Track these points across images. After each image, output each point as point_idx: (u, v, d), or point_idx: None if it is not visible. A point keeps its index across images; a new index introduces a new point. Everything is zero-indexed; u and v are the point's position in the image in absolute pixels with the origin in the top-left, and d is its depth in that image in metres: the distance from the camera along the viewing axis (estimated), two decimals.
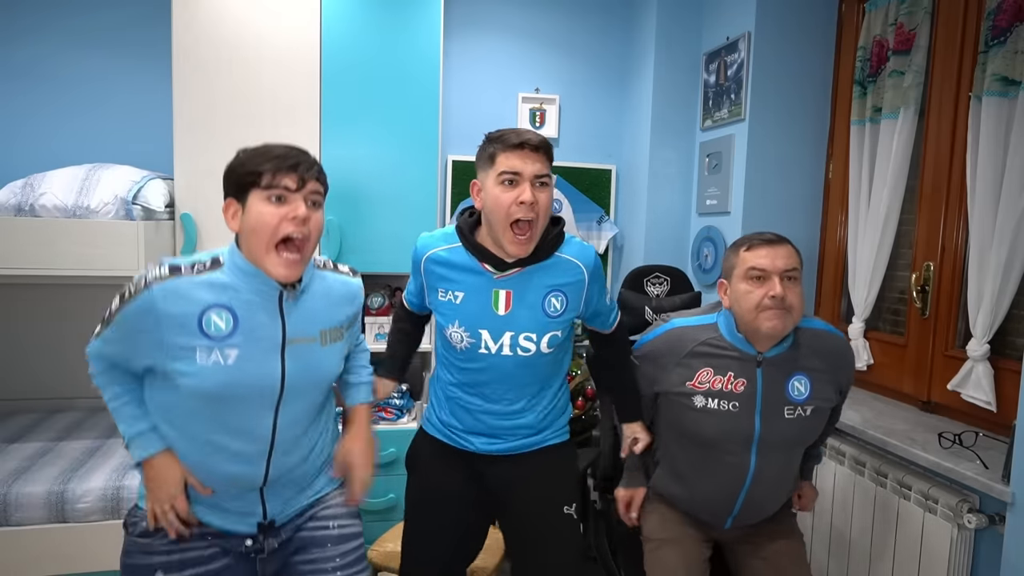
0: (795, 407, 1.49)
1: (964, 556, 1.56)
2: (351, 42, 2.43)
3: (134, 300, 1.17)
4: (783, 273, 1.42)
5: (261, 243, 1.19)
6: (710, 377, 1.51)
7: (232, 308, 1.20)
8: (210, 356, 1.17)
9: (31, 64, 2.57)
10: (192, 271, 1.20)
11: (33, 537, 1.95)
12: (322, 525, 1.35)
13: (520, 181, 1.36)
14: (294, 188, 1.19)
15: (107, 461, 2.14)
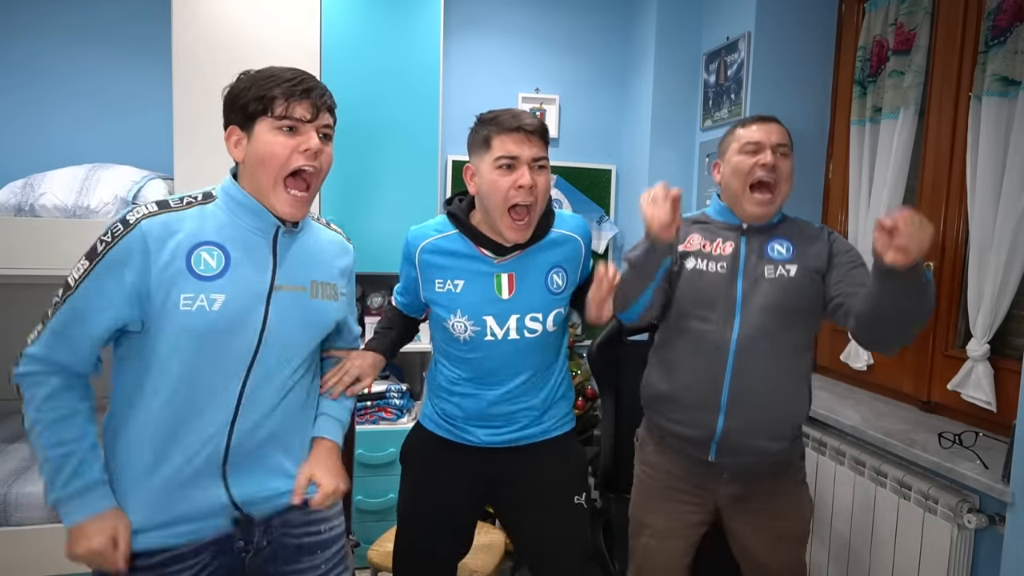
0: (776, 265, 1.49)
1: (964, 556, 1.56)
2: (351, 42, 2.43)
3: (116, 244, 1.05)
4: (775, 146, 1.48)
5: (269, 176, 1.11)
6: (700, 241, 1.55)
7: (223, 246, 1.11)
8: (195, 301, 1.07)
9: (30, 62, 2.57)
10: (182, 204, 1.12)
11: (33, 537, 1.95)
12: (313, 531, 1.25)
13: (518, 165, 1.34)
14: (308, 118, 1.11)
15: None
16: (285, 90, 1.10)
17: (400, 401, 2.60)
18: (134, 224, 1.06)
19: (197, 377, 1.10)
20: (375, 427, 2.54)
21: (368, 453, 2.51)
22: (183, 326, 1.07)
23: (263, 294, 1.14)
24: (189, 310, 1.07)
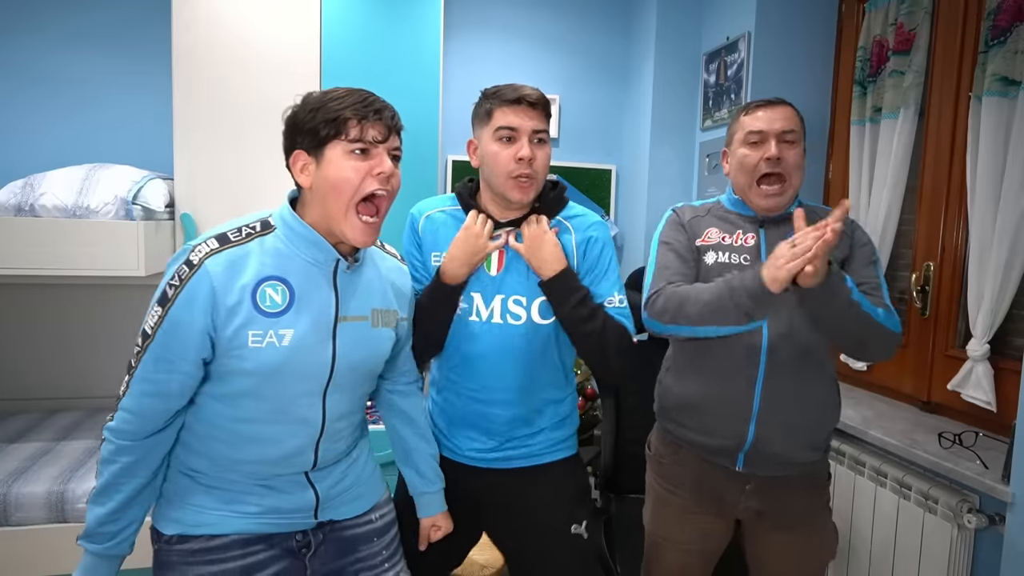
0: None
1: (964, 556, 1.56)
2: (351, 42, 2.43)
3: (184, 287, 1.04)
4: (780, 135, 1.39)
5: (341, 202, 1.08)
6: (718, 234, 1.45)
7: (286, 280, 1.10)
8: (265, 338, 1.07)
9: (31, 63, 2.57)
10: (242, 236, 1.09)
11: (33, 537, 1.95)
12: (366, 519, 1.28)
13: (518, 137, 1.33)
14: (381, 139, 1.09)
15: None
16: (357, 111, 1.07)
17: None
18: (199, 264, 1.05)
19: (278, 407, 1.13)
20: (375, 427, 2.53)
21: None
22: (255, 362, 1.08)
23: (329, 326, 1.14)
24: (259, 347, 1.07)
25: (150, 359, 1.07)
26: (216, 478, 1.16)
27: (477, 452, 1.44)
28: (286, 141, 1.13)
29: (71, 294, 2.62)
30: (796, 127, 1.41)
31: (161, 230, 2.25)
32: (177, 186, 2.33)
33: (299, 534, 1.22)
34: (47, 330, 2.63)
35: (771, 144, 1.38)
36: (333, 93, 1.10)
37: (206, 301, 1.05)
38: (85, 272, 2.07)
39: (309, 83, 2.40)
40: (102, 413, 2.60)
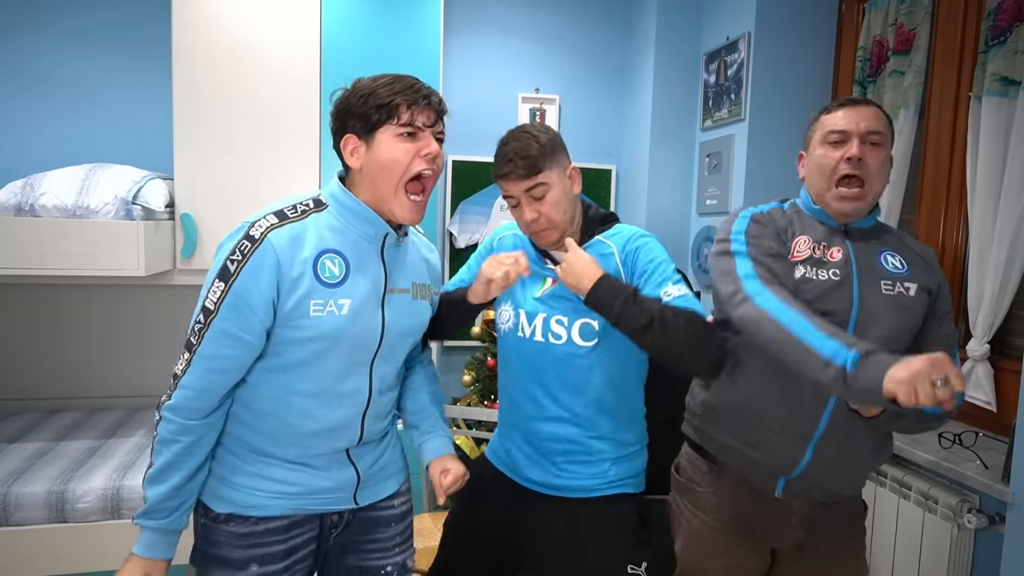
0: (894, 281, 1.26)
1: (964, 556, 1.56)
2: (351, 42, 2.43)
3: (248, 260, 1.08)
4: (865, 135, 1.26)
5: (391, 182, 1.14)
6: (808, 246, 1.30)
7: (342, 253, 1.15)
8: (325, 307, 1.12)
9: (31, 64, 2.57)
10: (299, 213, 1.15)
11: (33, 537, 1.95)
12: (389, 504, 1.33)
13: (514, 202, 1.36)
14: (429, 124, 1.16)
15: (107, 461, 2.14)
16: (408, 97, 1.15)
17: None
18: (261, 238, 1.10)
19: (331, 377, 1.18)
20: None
21: None
22: (316, 331, 1.12)
23: (379, 297, 1.20)
24: (320, 316, 1.12)
25: (214, 334, 1.10)
26: (264, 456, 1.20)
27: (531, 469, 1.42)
28: (336, 124, 1.20)
29: (71, 294, 2.62)
30: (883, 129, 1.28)
31: (161, 230, 2.25)
32: (177, 186, 2.33)
33: (335, 515, 1.26)
34: (47, 330, 2.63)
35: (853, 143, 1.26)
36: (382, 80, 1.19)
37: (271, 272, 1.09)
38: (85, 272, 2.07)
39: (309, 84, 2.40)
40: (102, 413, 2.60)
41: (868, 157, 1.26)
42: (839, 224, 1.32)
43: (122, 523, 2.01)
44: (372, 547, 1.31)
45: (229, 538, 1.19)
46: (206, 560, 1.20)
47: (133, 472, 2.08)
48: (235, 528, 1.18)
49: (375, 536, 1.32)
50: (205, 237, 2.35)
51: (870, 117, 1.28)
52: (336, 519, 1.27)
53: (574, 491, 1.39)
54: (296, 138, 2.40)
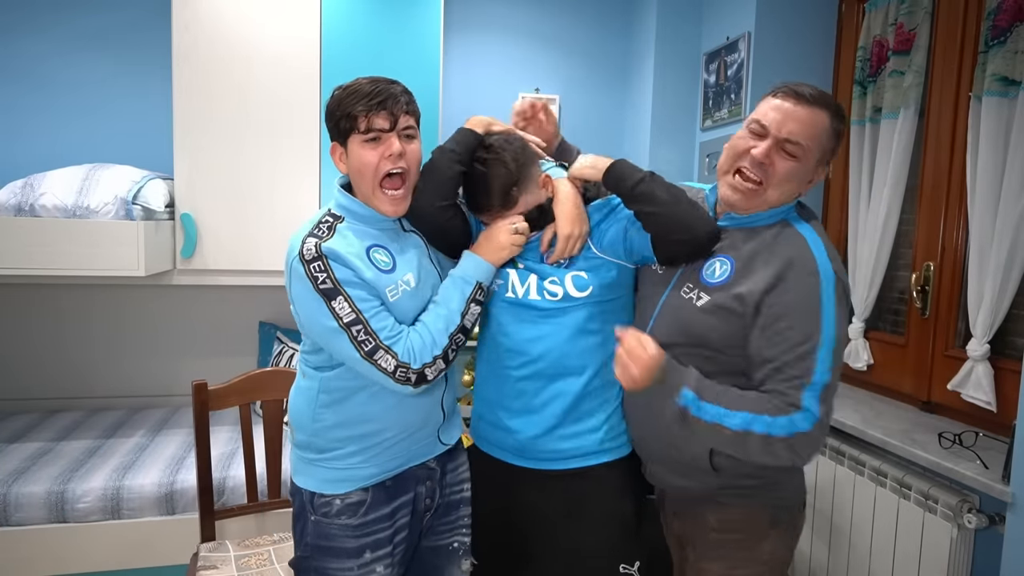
0: (694, 288, 1.23)
1: (964, 556, 1.56)
2: (351, 42, 2.42)
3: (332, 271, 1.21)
4: (782, 140, 1.16)
5: (367, 184, 1.27)
6: None
7: (381, 244, 1.29)
8: (398, 288, 1.26)
9: (31, 64, 2.57)
10: (329, 230, 1.27)
11: (33, 537, 1.95)
12: (459, 489, 1.46)
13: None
14: (388, 128, 1.26)
15: (107, 461, 2.14)
16: (364, 106, 1.25)
17: None
18: (319, 251, 1.21)
19: None
20: None
21: None
22: (401, 311, 1.27)
23: (427, 255, 1.37)
24: (398, 297, 1.27)
25: (375, 320, 1.22)
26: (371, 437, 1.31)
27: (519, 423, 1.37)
28: (329, 132, 1.32)
29: (71, 294, 2.63)
30: (806, 141, 1.16)
31: (161, 230, 2.25)
32: (177, 186, 2.33)
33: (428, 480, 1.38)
34: (47, 330, 2.63)
35: (767, 144, 1.17)
36: (351, 87, 1.28)
37: (349, 265, 1.22)
38: (85, 272, 2.07)
39: (309, 84, 2.40)
40: (102, 413, 2.60)
41: (776, 163, 1.17)
42: (712, 214, 1.30)
43: (122, 523, 2.01)
44: (444, 528, 1.43)
45: (343, 531, 1.30)
46: (321, 553, 1.31)
47: (133, 472, 2.08)
48: (348, 521, 1.30)
49: (450, 517, 1.44)
50: (205, 237, 2.35)
51: (801, 121, 1.15)
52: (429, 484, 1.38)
53: (569, 457, 1.36)
54: (296, 138, 2.40)
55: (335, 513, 1.30)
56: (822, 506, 1.99)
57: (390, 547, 1.32)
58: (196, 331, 2.75)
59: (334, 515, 1.30)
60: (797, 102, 1.16)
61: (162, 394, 2.75)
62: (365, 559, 1.29)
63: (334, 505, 1.31)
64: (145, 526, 2.02)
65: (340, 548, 1.30)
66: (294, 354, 2.52)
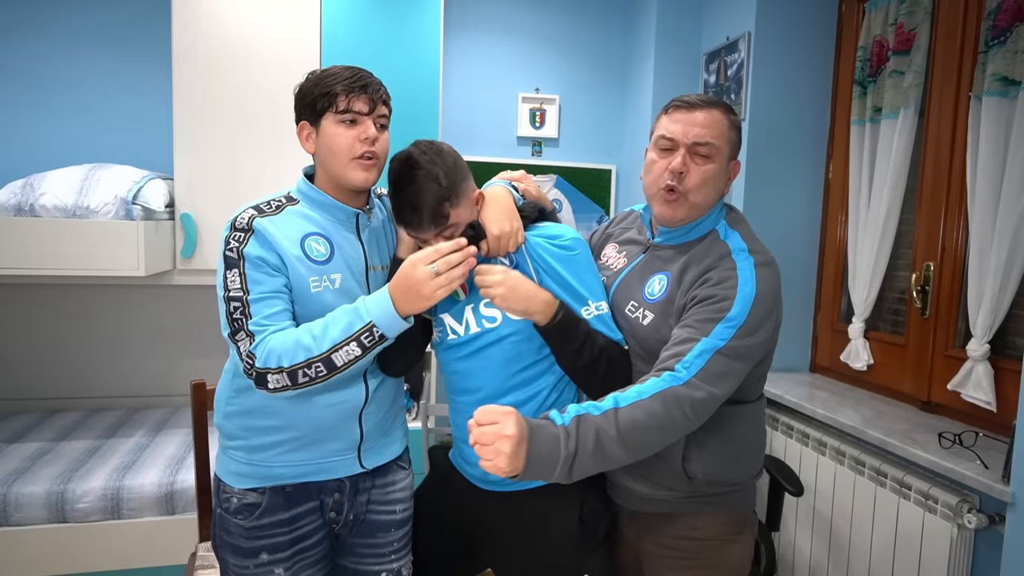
0: (639, 306, 1.26)
1: (964, 556, 1.56)
2: (351, 42, 2.43)
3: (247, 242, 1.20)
4: (692, 146, 1.21)
5: (340, 163, 1.25)
6: (612, 252, 1.40)
7: (324, 234, 1.27)
8: (322, 282, 1.24)
9: (31, 64, 2.57)
10: (274, 208, 1.26)
11: (33, 537, 1.95)
12: (390, 509, 1.39)
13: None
14: (366, 111, 1.24)
15: (107, 461, 2.14)
16: (345, 86, 1.23)
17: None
18: (249, 225, 1.21)
19: None
20: None
21: None
22: (319, 305, 1.23)
23: (363, 273, 1.31)
24: (319, 291, 1.24)
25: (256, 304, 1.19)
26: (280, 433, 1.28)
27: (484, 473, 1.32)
28: (295, 113, 1.29)
29: (71, 294, 2.63)
30: (714, 138, 1.21)
31: (161, 230, 2.25)
32: (177, 186, 2.33)
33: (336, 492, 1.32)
34: (47, 330, 2.63)
35: (680, 154, 1.21)
36: (330, 70, 1.27)
37: (271, 246, 1.20)
38: (85, 272, 2.07)
39: None
40: (102, 413, 2.60)
41: (692, 170, 1.21)
42: (650, 235, 1.34)
43: (122, 523, 2.01)
44: (369, 552, 1.37)
45: (236, 531, 1.28)
46: (223, 546, 1.31)
47: (133, 472, 2.08)
48: (241, 522, 1.28)
49: (375, 541, 1.37)
50: (205, 237, 2.36)
51: (703, 124, 1.21)
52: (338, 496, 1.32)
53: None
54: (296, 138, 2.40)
55: (233, 511, 1.29)
56: (822, 506, 1.98)
57: (289, 551, 1.29)
58: (196, 331, 2.75)
59: (232, 512, 1.29)
60: (690, 108, 1.23)
61: (162, 394, 2.75)
62: (262, 560, 1.27)
63: (232, 502, 1.29)
64: (145, 526, 2.02)
65: (237, 546, 1.29)
66: None
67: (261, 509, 1.28)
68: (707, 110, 1.22)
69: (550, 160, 3.03)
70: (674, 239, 1.29)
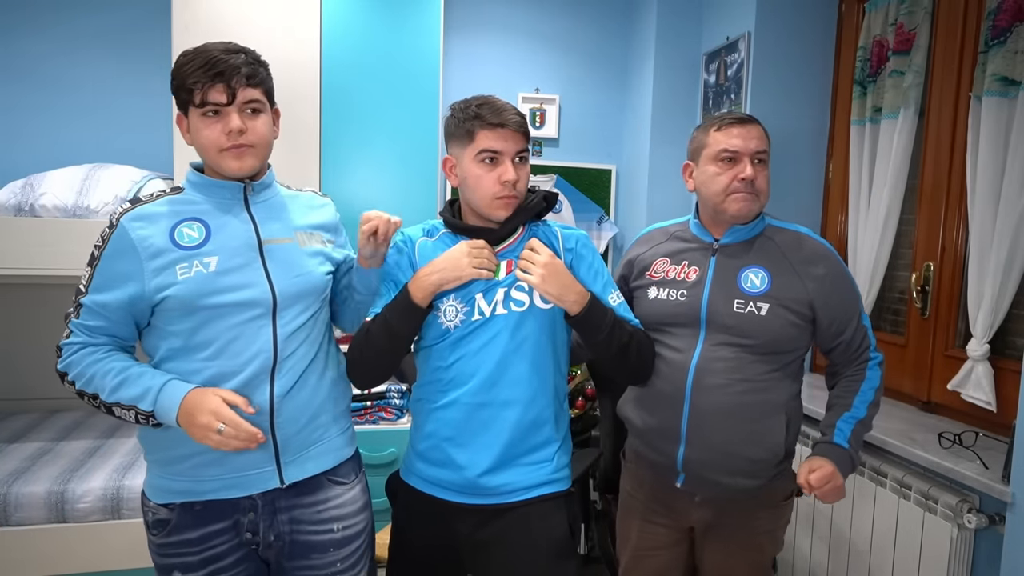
0: (746, 301, 1.38)
1: (964, 556, 1.56)
2: (351, 42, 2.43)
3: (108, 244, 1.16)
4: (754, 155, 1.37)
5: (210, 157, 1.20)
6: (666, 267, 1.47)
7: (200, 219, 1.21)
8: (192, 267, 1.16)
9: (32, 65, 2.57)
10: (153, 197, 1.22)
11: (33, 537, 1.95)
12: (326, 528, 1.29)
13: (501, 160, 1.30)
14: (225, 102, 1.16)
15: (107, 461, 2.14)
16: (198, 77, 1.15)
17: (400, 401, 2.60)
18: (116, 223, 1.17)
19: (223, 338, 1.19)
20: (375, 427, 2.54)
21: (368, 453, 2.51)
22: (190, 292, 1.16)
23: (254, 248, 1.23)
24: (188, 276, 1.16)
25: (85, 312, 1.18)
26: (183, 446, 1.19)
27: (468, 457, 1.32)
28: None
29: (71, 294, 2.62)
30: (767, 147, 1.41)
31: None
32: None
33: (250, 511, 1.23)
34: (47, 330, 2.62)
35: (746, 164, 1.37)
36: (189, 55, 1.19)
37: (129, 252, 1.16)
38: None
39: (309, 84, 2.40)
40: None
41: (758, 175, 1.38)
42: (712, 240, 1.45)
43: (122, 523, 2.01)
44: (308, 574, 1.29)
45: (152, 547, 1.25)
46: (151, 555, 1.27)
47: (133, 472, 2.08)
48: (153, 538, 1.24)
49: (310, 563, 1.28)
50: None
51: (758, 136, 1.39)
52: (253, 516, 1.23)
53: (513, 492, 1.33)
54: (296, 138, 2.40)
55: (149, 526, 1.25)
56: (822, 506, 1.98)
57: (203, 571, 1.22)
58: None
59: (148, 527, 1.25)
60: (744, 123, 1.40)
61: None
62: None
63: (147, 516, 1.25)
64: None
65: (154, 559, 1.25)
66: None
67: (170, 526, 1.22)
68: (757, 125, 1.41)
69: (550, 160, 3.03)
70: (741, 236, 1.44)
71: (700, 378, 1.38)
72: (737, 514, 1.44)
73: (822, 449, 1.41)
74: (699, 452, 1.40)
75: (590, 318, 1.30)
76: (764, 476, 1.42)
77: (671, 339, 1.43)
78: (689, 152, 1.48)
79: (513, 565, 1.32)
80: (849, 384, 1.46)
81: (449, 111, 1.36)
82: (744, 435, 1.38)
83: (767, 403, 1.39)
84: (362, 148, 2.47)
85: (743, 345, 1.38)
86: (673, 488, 1.46)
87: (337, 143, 2.45)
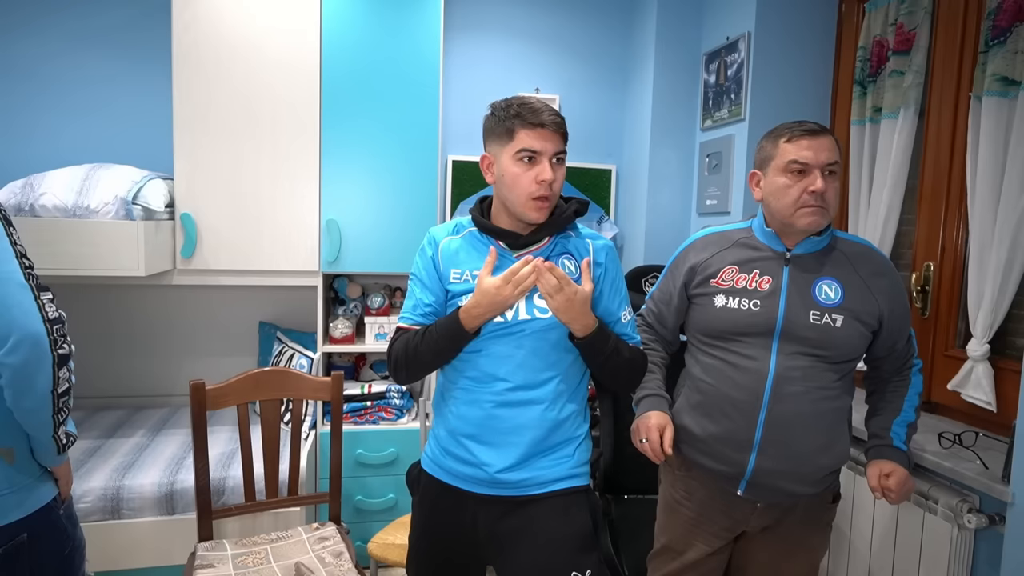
0: (822, 312, 1.38)
1: (964, 556, 1.56)
2: (351, 42, 2.43)
3: None
4: (825, 167, 1.35)
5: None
6: (734, 275, 1.45)
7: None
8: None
9: (32, 65, 2.57)
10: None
11: None
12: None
13: (539, 159, 1.31)
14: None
15: (107, 461, 2.14)
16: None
17: (400, 401, 2.60)
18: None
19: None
20: (375, 427, 2.54)
21: (368, 453, 2.51)
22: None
23: None
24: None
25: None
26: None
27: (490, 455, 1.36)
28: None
29: (71, 294, 2.62)
30: (838, 158, 1.38)
31: (161, 230, 2.25)
32: (177, 186, 2.33)
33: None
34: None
35: (817, 176, 1.35)
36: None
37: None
38: (85, 272, 2.07)
39: (309, 83, 2.40)
40: (102, 413, 2.60)
41: (829, 188, 1.36)
42: (784, 249, 1.43)
43: (122, 523, 2.01)
44: None
45: None
46: None
47: (133, 472, 2.08)
48: None
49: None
50: (205, 237, 2.36)
51: (829, 148, 1.36)
52: None
53: (534, 485, 1.37)
54: (296, 138, 2.40)
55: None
56: None
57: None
58: (196, 331, 2.75)
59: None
60: (815, 135, 1.37)
61: (162, 394, 2.75)
62: None
63: None
64: (145, 526, 2.02)
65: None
66: (294, 354, 2.52)
67: None
68: (828, 136, 1.38)
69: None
70: (813, 247, 1.44)
71: (779, 387, 1.38)
72: (795, 517, 1.47)
73: (885, 452, 1.43)
74: (773, 461, 1.40)
75: (593, 344, 1.35)
76: (826, 483, 1.47)
77: (742, 347, 1.42)
78: (756, 161, 1.47)
79: (536, 556, 1.34)
80: (897, 388, 1.51)
81: (489, 110, 1.38)
82: (819, 444, 1.41)
83: (837, 411, 1.44)
84: (362, 148, 2.47)
85: (817, 355, 1.39)
86: (733, 496, 1.46)
87: (337, 143, 2.45)
